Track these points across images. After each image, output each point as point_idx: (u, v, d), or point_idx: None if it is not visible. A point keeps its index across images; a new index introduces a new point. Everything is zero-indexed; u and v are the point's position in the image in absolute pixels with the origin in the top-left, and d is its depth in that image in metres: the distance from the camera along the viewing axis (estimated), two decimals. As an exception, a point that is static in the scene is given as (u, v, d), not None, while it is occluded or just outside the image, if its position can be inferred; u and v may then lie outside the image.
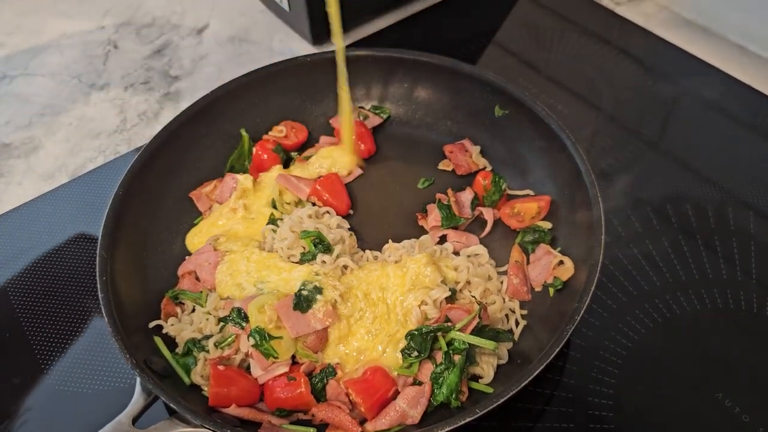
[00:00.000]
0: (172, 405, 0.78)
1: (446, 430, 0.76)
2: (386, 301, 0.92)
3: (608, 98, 1.32)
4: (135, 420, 0.79)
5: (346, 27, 1.44)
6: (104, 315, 0.86)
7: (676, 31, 1.43)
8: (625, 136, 1.24)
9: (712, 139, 1.23)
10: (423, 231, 1.06)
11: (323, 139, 1.20)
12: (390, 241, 1.03)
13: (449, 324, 0.88)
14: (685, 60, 1.37)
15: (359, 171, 1.14)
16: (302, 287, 0.89)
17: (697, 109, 1.28)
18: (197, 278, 0.98)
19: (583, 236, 0.95)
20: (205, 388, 0.87)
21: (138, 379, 0.82)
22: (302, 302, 0.88)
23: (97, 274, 0.90)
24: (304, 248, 0.97)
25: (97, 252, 0.92)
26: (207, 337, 0.90)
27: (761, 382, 0.92)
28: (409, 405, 0.84)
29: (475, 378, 0.88)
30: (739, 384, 0.91)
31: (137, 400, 0.81)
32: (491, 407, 0.77)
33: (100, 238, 0.93)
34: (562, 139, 1.02)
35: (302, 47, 1.45)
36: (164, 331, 0.94)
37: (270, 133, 1.18)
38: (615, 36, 1.44)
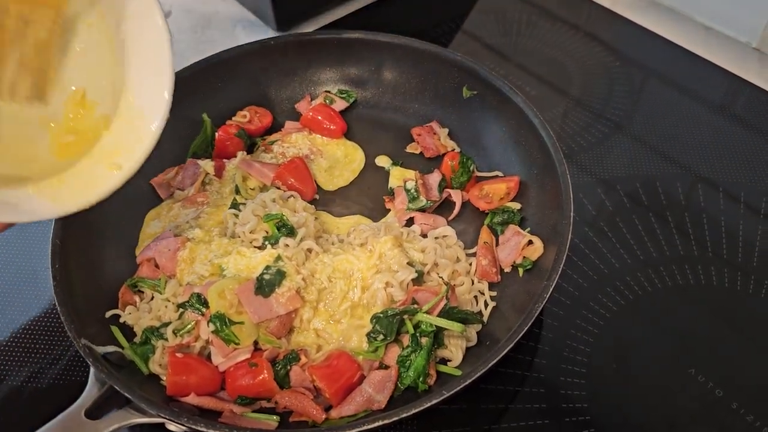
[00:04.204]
0: (126, 394, 0.74)
1: (413, 413, 0.74)
2: (351, 285, 0.89)
3: (576, 81, 1.31)
4: (88, 412, 0.75)
5: (314, 12, 1.42)
6: (57, 303, 0.82)
7: (642, 12, 1.42)
8: (593, 117, 1.23)
9: (680, 119, 1.22)
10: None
11: (288, 124, 1.16)
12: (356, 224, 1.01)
13: (416, 306, 0.86)
14: (652, 41, 1.36)
15: None
16: (265, 271, 0.86)
17: (665, 89, 1.27)
18: (156, 265, 0.95)
19: (552, 215, 0.93)
20: (164, 378, 0.83)
21: (92, 369, 0.79)
22: (264, 286, 0.85)
23: (50, 261, 0.86)
24: (267, 232, 0.94)
25: (50, 239, 0.88)
26: (166, 325, 0.86)
27: (733, 357, 0.91)
28: (375, 390, 0.81)
29: (444, 361, 0.86)
30: (712, 359, 0.90)
31: (90, 390, 0.77)
32: (458, 389, 0.75)
33: (53, 223, 0.89)
34: (530, 118, 1.00)
35: (266, 34, 1.42)
36: (122, 320, 0.90)
37: (234, 118, 1.15)
38: (582, 19, 1.43)
